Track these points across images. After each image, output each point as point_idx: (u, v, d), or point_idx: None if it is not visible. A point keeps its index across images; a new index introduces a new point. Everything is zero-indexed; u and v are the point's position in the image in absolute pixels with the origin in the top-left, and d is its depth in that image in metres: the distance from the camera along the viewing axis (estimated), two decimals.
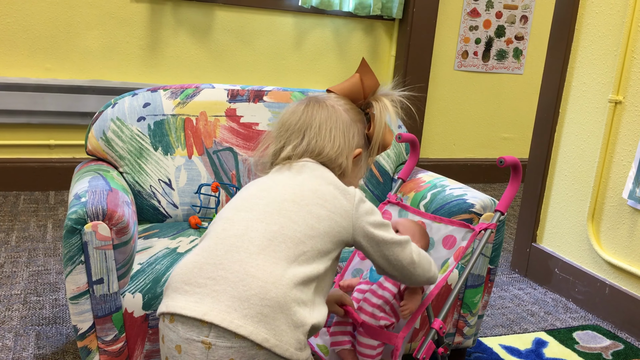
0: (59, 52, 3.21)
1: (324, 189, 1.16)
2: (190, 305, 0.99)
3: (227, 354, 0.97)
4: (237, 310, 0.97)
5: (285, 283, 1.01)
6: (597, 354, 2.09)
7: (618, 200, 2.34)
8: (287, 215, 1.09)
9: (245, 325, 0.96)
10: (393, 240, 1.19)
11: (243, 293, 0.98)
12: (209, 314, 0.97)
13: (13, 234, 2.70)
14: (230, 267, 1.01)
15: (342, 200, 1.16)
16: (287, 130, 1.26)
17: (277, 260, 1.03)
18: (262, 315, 0.97)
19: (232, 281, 0.99)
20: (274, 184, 1.18)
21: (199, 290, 1.00)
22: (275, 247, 1.04)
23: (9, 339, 1.89)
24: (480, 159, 4.32)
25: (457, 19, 3.98)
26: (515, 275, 2.75)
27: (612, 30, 2.36)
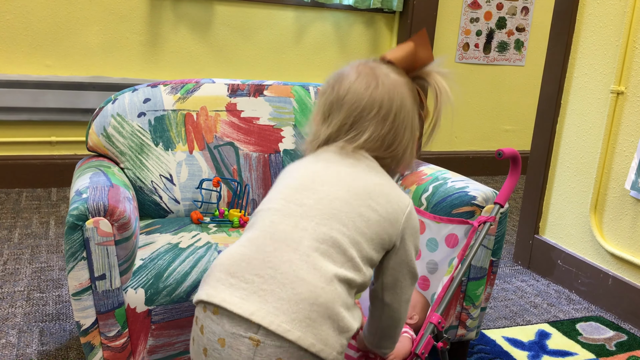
0: (59, 48, 3.21)
1: (378, 190, 1.09)
2: (235, 300, 0.96)
3: (275, 353, 0.94)
4: (286, 314, 0.94)
5: (334, 288, 0.98)
6: (600, 345, 2.09)
7: (620, 192, 2.34)
8: (337, 217, 1.03)
9: (293, 330, 0.94)
10: (414, 269, 1.14)
11: (292, 296, 0.95)
12: (256, 314, 0.94)
13: (16, 231, 2.71)
14: (280, 266, 0.97)
15: (394, 205, 1.09)
16: (359, 110, 1.11)
17: (326, 264, 0.99)
18: (310, 320, 0.94)
19: (281, 282, 0.96)
20: (327, 175, 1.09)
21: (246, 286, 0.96)
22: (325, 250, 1.00)
23: (12, 335, 1.90)
24: (481, 151, 4.31)
25: (458, 11, 3.96)
26: (517, 267, 2.75)
27: (613, 20, 2.35)
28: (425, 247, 1.57)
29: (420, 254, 1.58)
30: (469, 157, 4.25)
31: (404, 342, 1.40)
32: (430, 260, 1.56)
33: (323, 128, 1.14)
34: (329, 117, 1.13)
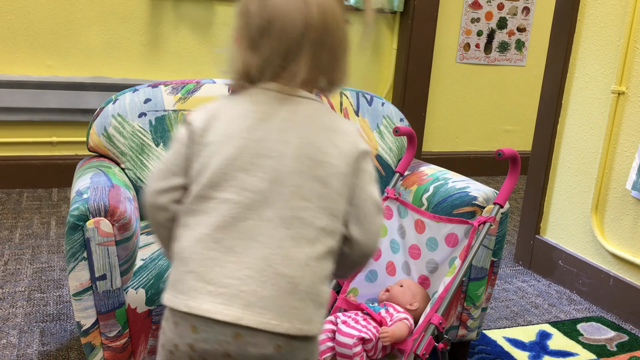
0: (60, 49, 3.21)
1: (326, 140, 1.01)
2: (218, 309, 0.93)
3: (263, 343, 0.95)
4: (272, 310, 0.93)
5: (311, 271, 0.97)
6: (601, 346, 2.09)
7: (622, 192, 2.34)
8: (297, 194, 0.97)
9: (282, 324, 0.93)
10: (377, 200, 1.05)
11: (273, 292, 0.94)
12: (243, 319, 0.92)
13: (17, 232, 2.71)
14: (256, 264, 0.95)
15: (345, 149, 1.01)
16: (292, 36, 0.98)
17: (299, 249, 0.96)
18: (295, 308, 0.95)
19: (260, 281, 0.94)
20: (271, 141, 0.99)
21: (225, 291, 0.93)
22: (295, 234, 0.96)
23: (13, 335, 1.90)
24: (482, 151, 4.30)
25: (459, 11, 3.96)
26: (518, 267, 2.75)
27: (614, 20, 2.34)
28: (425, 247, 1.57)
29: (420, 253, 1.59)
30: (470, 157, 4.25)
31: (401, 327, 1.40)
32: (430, 260, 1.57)
33: (252, 57, 1.00)
34: (256, 44, 0.99)
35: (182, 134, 1.05)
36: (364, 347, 1.39)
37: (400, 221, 1.63)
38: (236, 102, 1.04)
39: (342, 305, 1.53)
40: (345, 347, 1.38)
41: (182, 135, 1.04)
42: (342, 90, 2.11)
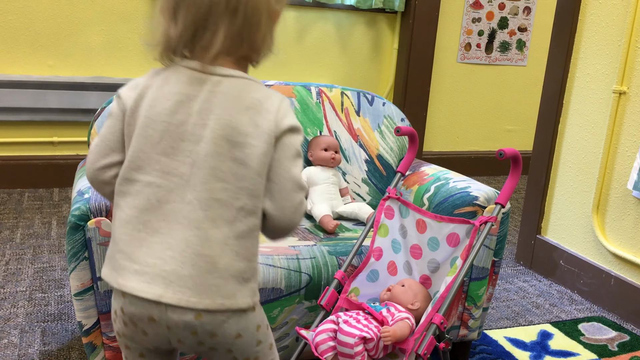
0: (61, 49, 3.21)
1: (244, 119, 1.01)
2: (142, 287, 0.99)
3: (190, 326, 1.00)
4: (191, 289, 0.98)
5: (230, 248, 1.00)
6: (602, 346, 2.09)
7: (623, 192, 2.33)
8: (215, 176, 0.99)
9: (202, 301, 0.98)
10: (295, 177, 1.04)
11: (193, 272, 0.98)
12: (164, 296, 0.98)
13: (18, 231, 2.71)
14: (177, 245, 0.99)
15: (264, 126, 1.01)
16: (204, 6, 1.00)
17: (218, 230, 0.99)
18: (215, 286, 0.99)
19: (181, 261, 0.99)
20: (190, 124, 1.00)
21: (149, 270, 0.99)
22: (213, 215, 0.99)
23: (14, 335, 1.90)
24: (483, 151, 4.30)
25: (460, 11, 3.96)
26: (520, 267, 2.75)
27: (615, 20, 2.34)
28: (426, 246, 1.57)
29: (422, 252, 1.59)
30: (471, 157, 4.25)
31: (402, 326, 1.40)
32: (431, 260, 1.57)
33: (171, 28, 1.02)
34: (175, 14, 1.01)
35: (115, 108, 1.07)
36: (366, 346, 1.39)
37: (402, 221, 1.63)
38: (161, 81, 1.06)
39: (343, 304, 1.53)
40: (346, 346, 1.38)
41: (115, 110, 1.07)
42: (343, 90, 2.11)
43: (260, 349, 1.09)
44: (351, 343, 1.37)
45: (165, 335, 1.02)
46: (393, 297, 1.52)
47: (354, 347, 1.37)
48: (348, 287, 1.57)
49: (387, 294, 1.54)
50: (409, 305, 1.49)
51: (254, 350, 1.08)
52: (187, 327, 1.00)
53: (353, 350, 1.37)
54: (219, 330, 1.01)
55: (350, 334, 1.38)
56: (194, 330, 1.00)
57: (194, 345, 1.04)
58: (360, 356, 1.38)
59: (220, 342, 1.03)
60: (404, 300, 1.50)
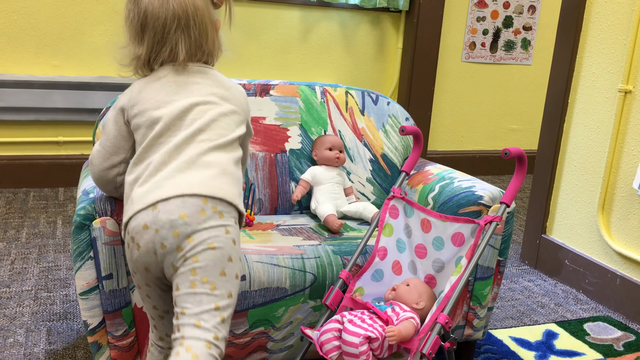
0: (65, 49, 3.22)
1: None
2: (153, 194, 1.17)
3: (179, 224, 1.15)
4: (210, 180, 1.19)
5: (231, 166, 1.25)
6: (608, 346, 2.08)
7: (629, 191, 2.33)
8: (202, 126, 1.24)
9: (223, 187, 1.19)
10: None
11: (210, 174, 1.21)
12: (178, 190, 1.16)
13: (23, 231, 2.72)
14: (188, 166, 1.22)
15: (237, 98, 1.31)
16: (161, 26, 1.25)
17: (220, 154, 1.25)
18: (228, 183, 1.21)
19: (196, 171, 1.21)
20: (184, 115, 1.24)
21: (165, 182, 1.18)
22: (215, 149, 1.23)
23: (20, 334, 1.91)
24: (488, 150, 4.30)
25: (464, 10, 3.95)
26: (525, 267, 2.74)
27: (621, 19, 2.33)
28: (431, 246, 1.57)
29: (426, 252, 1.58)
30: (476, 156, 4.24)
31: (407, 326, 1.40)
32: (436, 259, 1.56)
33: (139, 48, 1.28)
34: (140, 37, 1.28)
35: (111, 115, 1.30)
36: (370, 346, 1.39)
37: (407, 220, 1.63)
38: (149, 82, 1.28)
39: (348, 304, 1.53)
40: (351, 346, 1.38)
41: (111, 117, 1.30)
42: (348, 90, 2.11)
43: (223, 282, 1.15)
44: (356, 342, 1.37)
45: (153, 243, 1.14)
46: (398, 296, 1.51)
47: (359, 347, 1.37)
48: (353, 286, 1.57)
49: (392, 293, 1.54)
50: (414, 305, 1.49)
51: (217, 275, 1.14)
52: (172, 226, 1.12)
53: (358, 349, 1.37)
54: (196, 234, 1.13)
55: (355, 334, 1.38)
56: (175, 230, 1.12)
57: (173, 252, 1.14)
58: (365, 355, 1.38)
59: (193, 247, 1.13)
60: (408, 300, 1.50)
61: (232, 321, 1.53)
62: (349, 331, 1.39)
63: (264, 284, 1.53)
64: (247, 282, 1.52)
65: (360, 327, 1.40)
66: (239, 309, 1.53)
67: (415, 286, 1.53)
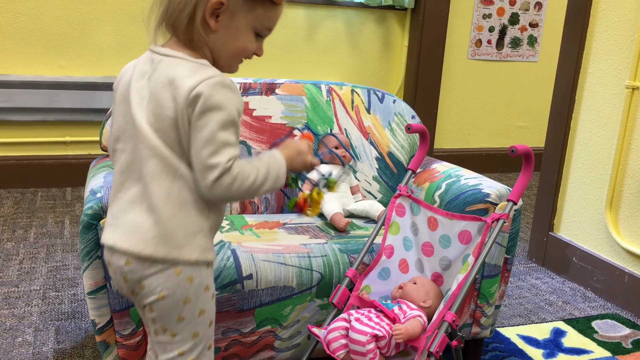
0: (72, 49, 3.23)
1: (163, 93, 1.06)
2: (107, 235, 1.11)
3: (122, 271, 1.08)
4: (140, 235, 1.06)
5: (172, 202, 1.06)
6: (616, 343, 2.07)
7: (636, 188, 2.31)
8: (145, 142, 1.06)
9: (148, 247, 1.05)
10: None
11: (143, 222, 1.06)
12: (117, 243, 1.07)
13: (31, 231, 2.73)
14: (132, 198, 1.08)
15: (177, 99, 1.04)
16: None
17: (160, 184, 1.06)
18: (160, 235, 1.05)
19: (135, 212, 1.07)
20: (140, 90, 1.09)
21: (114, 222, 1.10)
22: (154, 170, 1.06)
23: (28, 334, 1.92)
24: (495, 148, 4.28)
25: (470, 7, 3.94)
26: (532, 264, 2.73)
27: (628, 15, 2.32)
28: (438, 244, 1.56)
29: (433, 250, 1.58)
30: (482, 154, 4.23)
31: (414, 324, 1.40)
32: (443, 257, 1.56)
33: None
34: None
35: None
36: (377, 344, 1.39)
37: (413, 218, 1.63)
38: (131, 64, 1.17)
39: (355, 302, 1.53)
40: (358, 344, 1.38)
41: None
42: (354, 88, 2.11)
43: (183, 327, 1.09)
44: (363, 341, 1.37)
45: (115, 282, 1.11)
46: (405, 294, 1.51)
47: (366, 345, 1.37)
48: (360, 284, 1.57)
49: (399, 291, 1.53)
50: (421, 303, 1.49)
51: (174, 323, 1.08)
52: (120, 272, 1.08)
53: (365, 348, 1.37)
54: (146, 280, 1.06)
55: (362, 332, 1.38)
56: (124, 276, 1.07)
57: (130, 295, 1.10)
58: (372, 354, 1.38)
59: (146, 295, 1.07)
60: (415, 298, 1.49)
61: (240, 320, 1.53)
62: (356, 329, 1.39)
63: (271, 283, 1.53)
64: (254, 281, 1.52)
65: (368, 325, 1.40)
66: (247, 307, 1.53)
67: (422, 284, 1.53)
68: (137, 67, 1.13)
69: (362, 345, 1.37)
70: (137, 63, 1.15)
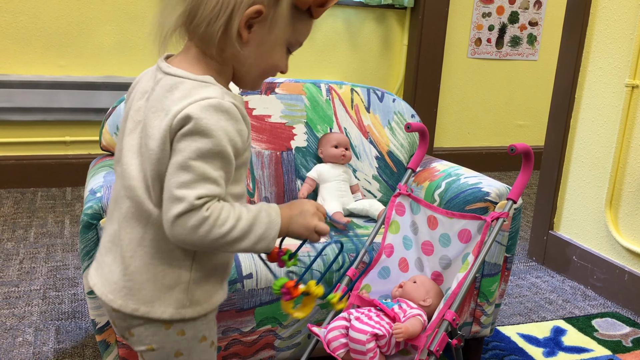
0: (72, 49, 3.23)
1: (152, 120, 0.91)
2: (92, 272, 1.05)
3: (111, 316, 1.04)
4: (110, 285, 0.99)
5: (145, 251, 0.94)
6: (616, 342, 2.07)
7: (636, 186, 2.31)
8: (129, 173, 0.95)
9: (116, 300, 0.98)
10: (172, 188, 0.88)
11: (113, 268, 0.99)
12: (96, 286, 1.02)
13: (31, 230, 2.73)
14: (109, 239, 1.01)
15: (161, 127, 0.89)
16: None
17: (132, 226, 0.95)
18: (127, 288, 0.97)
19: (108, 255, 1.01)
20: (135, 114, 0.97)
21: (98, 257, 1.04)
22: (127, 212, 0.95)
23: (29, 334, 1.92)
24: (495, 147, 4.28)
25: (470, 6, 3.94)
26: (532, 263, 2.73)
27: (627, 13, 2.32)
28: (438, 243, 1.56)
29: (433, 249, 1.58)
30: (482, 153, 4.23)
31: (414, 323, 1.40)
32: (443, 256, 1.56)
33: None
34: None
35: None
36: (378, 343, 1.39)
37: (413, 217, 1.63)
38: (141, 76, 1.04)
39: (354, 301, 1.53)
40: (358, 343, 1.38)
41: None
42: (353, 87, 2.11)
43: None
44: (363, 340, 1.37)
45: (109, 317, 1.06)
46: (405, 293, 1.51)
47: (366, 344, 1.37)
48: (359, 284, 1.57)
49: (399, 290, 1.53)
50: (421, 302, 1.49)
51: None
52: (111, 316, 1.03)
53: (365, 346, 1.37)
54: (134, 329, 1.00)
55: (362, 331, 1.38)
56: (113, 319, 1.03)
57: (126, 335, 1.03)
58: (372, 353, 1.38)
59: (136, 343, 1.01)
60: (416, 297, 1.50)
61: (240, 319, 1.53)
62: (356, 328, 1.39)
63: (271, 282, 1.53)
64: (254, 280, 1.52)
65: (367, 324, 1.40)
66: (247, 307, 1.53)
67: (422, 283, 1.53)
68: (141, 84, 0.99)
69: (362, 344, 1.37)
70: (143, 77, 1.01)
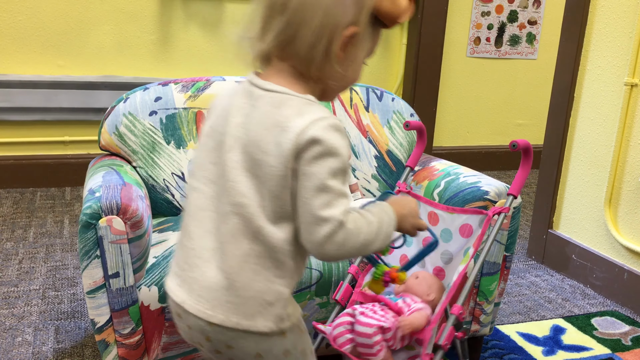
0: (71, 48, 3.23)
1: (265, 136, 0.94)
2: (174, 288, 1.04)
3: (206, 331, 1.01)
4: (209, 301, 0.99)
5: (250, 267, 0.96)
6: (616, 340, 2.07)
7: (635, 185, 2.32)
8: (237, 189, 0.96)
9: (216, 315, 0.98)
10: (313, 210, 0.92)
11: (212, 284, 0.99)
12: (186, 302, 1.01)
13: (30, 230, 2.73)
14: (204, 255, 1.00)
15: (282, 143, 0.92)
16: (265, 4, 0.98)
17: (238, 242, 0.97)
18: (232, 303, 0.98)
19: (204, 271, 1.00)
20: (230, 137, 0.98)
21: (181, 274, 1.03)
22: (233, 228, 0.97)
23: (28, 333, 1.92)
24: (494, 146, 4.28)
25: (469, 4, 3.94)
26: (531, 262, 2.74)
27: (627, 12, 2.32)
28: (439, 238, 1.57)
29: None
30: (481, 151, 4.23)
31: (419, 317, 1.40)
32: (445, 251, 1.56)
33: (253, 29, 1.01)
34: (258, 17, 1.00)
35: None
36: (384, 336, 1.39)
37: None
38: (227, 94, 1.05)
39: (358, 298, 1.53)
40: (365, 336, 1.38)
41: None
42: (352, 86, 2.11)
43: None
44: (369, 333, 1.37)
45: (188, 334, 1.05)
46: (407, 289, 1.51)
47: (373, 337, 1.37)
48: (362, 281, 1.57)
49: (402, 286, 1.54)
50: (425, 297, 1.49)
51: None
52: (202, 332, 1.01)
53: (372, 340, 1.37)
54: (235, 343, 1.00)
55: (368, 324, 1.38)
56: (207, 336, 1.01)
57: (213, 352, 1.03)
58: (379, 346, 1.38)
59: (237, 355, 1.01)
60: (419, 292, 1.50)
61: None
62: (362, 322, 1.39)
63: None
64: None
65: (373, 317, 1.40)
66: None
67: (425, 278, 1.53)
68: (235, 103, 1.00)
69: (369, 337, 1.37)
70: (234, 96, 1.02)
